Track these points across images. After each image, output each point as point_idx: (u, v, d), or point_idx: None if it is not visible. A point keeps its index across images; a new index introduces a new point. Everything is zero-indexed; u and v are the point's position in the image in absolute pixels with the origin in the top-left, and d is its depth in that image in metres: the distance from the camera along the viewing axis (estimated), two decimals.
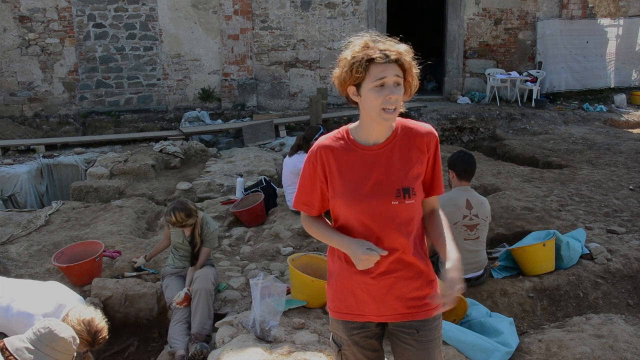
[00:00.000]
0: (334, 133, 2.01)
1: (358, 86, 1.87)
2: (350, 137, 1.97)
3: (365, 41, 1.86)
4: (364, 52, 1.84)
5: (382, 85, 1.83)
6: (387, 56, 1.81)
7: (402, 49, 1.86)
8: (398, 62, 1.83)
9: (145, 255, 4.51)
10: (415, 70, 1.89)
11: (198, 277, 3.82)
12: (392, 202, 1.90)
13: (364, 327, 2.04)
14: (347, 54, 1.88)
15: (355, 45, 1.87)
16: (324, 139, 2.00)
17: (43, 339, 2.53)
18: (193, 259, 4.02)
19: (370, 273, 1.96)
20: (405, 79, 1.87)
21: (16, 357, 2.45)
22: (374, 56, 1.81)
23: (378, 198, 1.90)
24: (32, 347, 2.49)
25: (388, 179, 1.92)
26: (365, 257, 1.87)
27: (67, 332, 2.63)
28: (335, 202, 1.98)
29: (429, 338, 2.04)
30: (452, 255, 1.94)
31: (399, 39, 1.93)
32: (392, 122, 1.91)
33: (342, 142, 1.96)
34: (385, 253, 1.90)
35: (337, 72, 1.92)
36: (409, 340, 2.02)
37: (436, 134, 2.01)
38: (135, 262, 4.51)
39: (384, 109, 1.84)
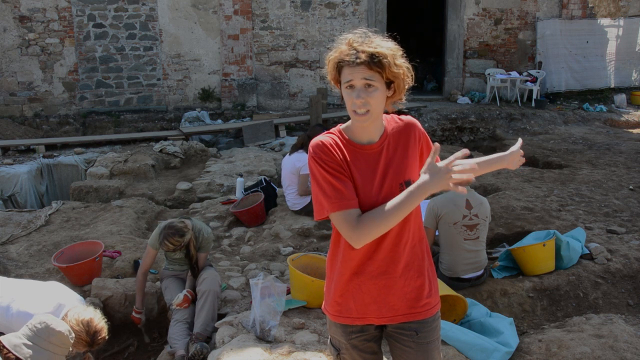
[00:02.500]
0: (329, 135, 1.94)
1: (340, 85, 1.89)
2: (346, 137, 1.93)
3: (348, 40, 1.84)
4: (339, 54, 1.84)
5: (351, 87, 1.83)
6: (355, 58, 1.78)
7: (382, 49, 1.80)
8: (368, 63, 1.78)
9: (137, 308, 3.95)
10: (399, 70, 1.83)
11: (206, 279, 3.77)
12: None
13: (363, 331, 2.03)
14: (330, 54, 1.89)
15: (340, 45, 1.86)
16: (322, 138, 1.92)
17: (40, 334, 2.54)
18: (193, 270, 3.90)
19: (372, 272, 1.95)
20: (384, 78, 1.82)
21: (15, 353, 2.46)
22: (343, 58, 1.81)
23: (385, 195, 1.88)
24: (29, 343, 2.50)
25: (391, 175, 1.91)
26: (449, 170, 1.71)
27: (63, 326, 2.65)
28: None
29: (428, 340, 2.02)
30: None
31: (388, 36, 1.89)
32: (364, 122, 1.86)
33: (340, 142, 1.92)
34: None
35: (326, 70, 1.94)
36: (408, 342, 2.01)
37: (417, 122, 2.04)
38: (141, 320, 4.00)
39: (354, 111, 1.84)
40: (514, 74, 12.41)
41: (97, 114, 11.19)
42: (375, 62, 1.78)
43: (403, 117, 2.03)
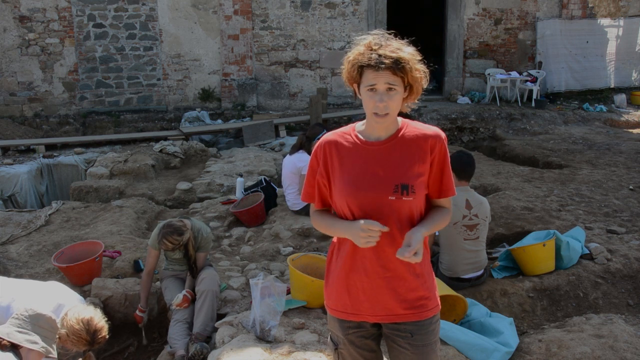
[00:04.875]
0: (342, 128, 2.08)
1: (358, 85, 1.93)
2: (355, 132, 2.02)
3: (368, 43, 1.88)
4: (361, 57, 1.87)
5: (374, 90, 1.87)
6: (380, 63, 1.82)
7: (404, 54, 1.86)
8: (392, 68, 1.83)
9: (141, 307, 3.97)
10: (418, 74, 1.90)
11: (205, 279, 3.77)
12: (389, 197, 1.91)
13: (359, 327, 2.05)
14: (349, 55, 1.93)
15: (359, 46, 1.90)
16: (330, 134, 2.06)
17: (29, 320, 2.60)
18: (192, 270, 3.89)
19: (366, 270, 1.97)
20: (405, 82, 1.88)
21: (9, 340, 2.49)
22: (367, 62, 1.85)
23: (375, 192, 1.92)
24: (20, 330, 2.57)
25: (387, 174, 1.93)
26: (365, 227, 1.84)
27: (49, 312, 2.73)
28: (335, 195, 2.02)
29: (424, 342, 2.01)
30: (424, 224, 1.95)
31: (406, 40, 1.93)
32: (384, 124, 1.94)
33: (347, 136, 2.02)
34: (386, 229, 1.86)
35: (343, 69, 1.99)
36: (404, 344, 2.02)
37: (443, 136, 2.00)
38: (142, 318, 3.99)
39: (374, 113, 1.90)
40: (514, 74, 12.40)
41: (97, 114, 11.19)
42: (399, 67, 1.83)
43: (430, 127, 2.03)
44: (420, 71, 1.90)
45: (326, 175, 2.03)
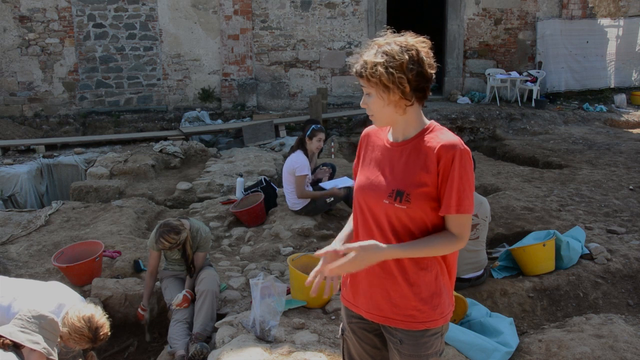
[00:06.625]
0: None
1: None
2: (386, 130, 2.04)
3: (375, 42, 1.88)
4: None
5: None
6: (352, 67, 1.88)
7: (368, 57, 1.80)
8: (357, 72, 1.86)
9: (143, 305, 4.00)
10: (376, 79, 1.79)
11: (204, 279, 3.78)
12: (383, 201, 1.90)
13: (360, 318, 2.08)
14: None
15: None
16: (371, 126, 2.11)
17: (32, 320, 2.63)
18: (189, 270, 3.89)
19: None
20: (378, 86, 1.82)
21: (12, 339, 2.52)
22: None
23: (373, 192, 1.94)
24: (23, 330, 2.60)
25: (391, 178, 1.92)
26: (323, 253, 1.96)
27: (51, 314, 2.76)
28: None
29: (412, 353, 1.96)
30: (402, 244, 1.87)
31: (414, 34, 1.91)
32: (376, 125, 1.99)
33: (380, 132, 2.06)
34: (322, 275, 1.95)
35: None
36: (394, 348, 2.02)
37: (458, 147, 1.82)
38: (144, 316, 4.02)
39: None
40: (514, 74, 12.40)
41: (97, 114, 11.19)
42: (357, 72, 1.87)
43: (450, 136, 1.89)
44: (382, 75, 1.78)
45: (358, 164, 2.11)
